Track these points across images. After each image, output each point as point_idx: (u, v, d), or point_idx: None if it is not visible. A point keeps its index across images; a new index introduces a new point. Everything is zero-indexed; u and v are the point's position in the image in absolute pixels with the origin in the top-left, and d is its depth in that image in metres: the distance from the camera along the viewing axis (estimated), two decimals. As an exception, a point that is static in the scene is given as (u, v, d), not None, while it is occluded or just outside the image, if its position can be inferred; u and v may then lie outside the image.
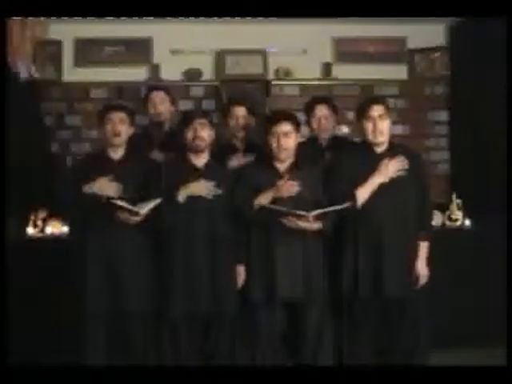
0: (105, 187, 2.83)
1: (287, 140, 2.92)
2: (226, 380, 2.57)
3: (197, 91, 4.89)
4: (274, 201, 2.85)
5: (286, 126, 2.93)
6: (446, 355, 3.22)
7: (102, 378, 2.54)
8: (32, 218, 3.71)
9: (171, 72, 4.83)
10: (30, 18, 4.06)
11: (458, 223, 3.83)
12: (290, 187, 2.85)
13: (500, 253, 3.10)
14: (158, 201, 2.79)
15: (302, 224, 2.80)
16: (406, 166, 2.94)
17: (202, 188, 2.87)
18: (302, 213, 2.76)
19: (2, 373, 2.42)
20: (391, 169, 2.92)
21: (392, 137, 3.05)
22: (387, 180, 2.92)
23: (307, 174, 2.96)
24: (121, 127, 2.95)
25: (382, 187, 2.92)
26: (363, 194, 2.91)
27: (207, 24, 4.60)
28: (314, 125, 3.41)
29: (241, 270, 2.94)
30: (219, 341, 2.94)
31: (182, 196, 2.85)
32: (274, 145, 2.92)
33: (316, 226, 2.83)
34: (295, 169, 2.96)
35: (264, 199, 2.85)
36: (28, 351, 3.27)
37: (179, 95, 4.46)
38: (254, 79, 4.84)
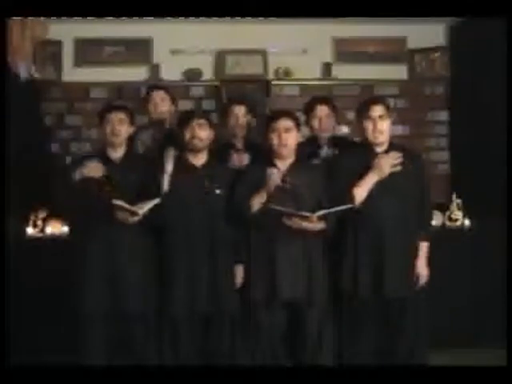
0: (92, 169, 2.85)
1: (288, 136, 2.92)
2: (226, 380, 2.57)
3: (197, 91, 4.89)
4: (270, 198, 2.83)
5: (286, 122, 2.93)
6: (445, 355, 3.22)
7: (101, 377, 2.54)
8: (32, 218, 3.70)
9: (171, 72, 4.83)
10: (30, 18, 4.06)
11: (458, 223, 3.82)
12: (277, 175, 2.83)
13: (500, 253, 3.10)
14: (156, 201, 2.79)
15: (306, 225, 2.81)
16: (400, 161, 2.93)
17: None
18: (306, 214, 2.77)
19: (2, 373, 2.42)
20: (386, 165, 2.92)
21: (392, 137, 3.05)
22: (383, 176, 2.91)
23: (307, 174, 2.96)
24: (120, 127, 2.95)
25: (383, 187, 2.92)
26: (360, 192, 2.91)
27: (207, 24, 4.60)
28: (314, 125, 3.40)
29: (240, 270, 2.94)
30: (219, 341, 2.94)
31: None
32: (275, 141, 2.92)
33: (319, 226, 2.84)
34: (295, 168, 2.96)
35: (258, 200, 2.84)
36: (28, 351, 3.27)
37: (179, 95, 4.43)
38: (253, 79, 4.84)
